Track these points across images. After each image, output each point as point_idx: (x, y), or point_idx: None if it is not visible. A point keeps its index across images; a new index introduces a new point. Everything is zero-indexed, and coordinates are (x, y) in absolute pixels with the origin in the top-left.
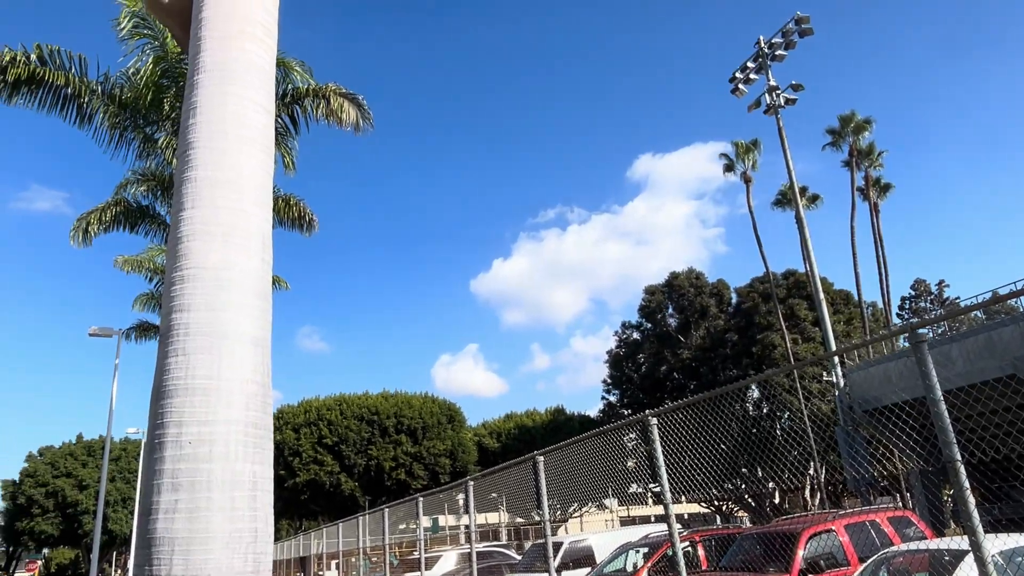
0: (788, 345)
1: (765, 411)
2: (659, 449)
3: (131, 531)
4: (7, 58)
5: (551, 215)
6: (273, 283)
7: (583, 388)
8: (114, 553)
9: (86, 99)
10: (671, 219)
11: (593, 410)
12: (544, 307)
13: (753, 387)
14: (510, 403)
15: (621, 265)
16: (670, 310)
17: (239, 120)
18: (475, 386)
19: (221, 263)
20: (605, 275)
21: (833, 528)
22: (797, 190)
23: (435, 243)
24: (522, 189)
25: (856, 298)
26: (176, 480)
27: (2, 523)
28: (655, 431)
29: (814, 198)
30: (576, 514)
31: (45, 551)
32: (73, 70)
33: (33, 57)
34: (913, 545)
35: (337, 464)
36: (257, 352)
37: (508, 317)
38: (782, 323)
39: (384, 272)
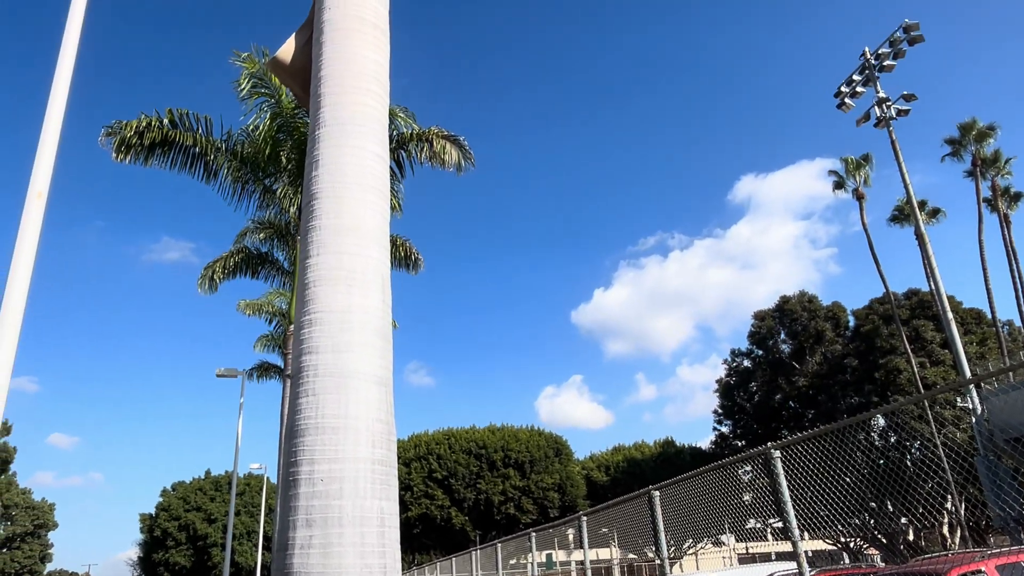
0: (915, 369)
1: (893, 440)
2: (784, 483)
3: (256, 563)
4: (144, 123)
5: (651, 242)
6: None
7: (692, 418)
8: None
9: (212, 157)
10: (778, 241)
11: (704, 441)
12: (648, 336)
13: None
14: (617, 435)
15: (727, 290)
16: (782, 336)
17: (358, 169)
18: (580, 418)
19: (345, 306)
20: (710, 301)
21: (983, 569)
22: (916, 204)
23: (536, 275)
24: (621, 217)
25: (989, 317)
26: (310, 516)
27: (140, 555)
28: (779, 464)
29: (935, 212)
30: (691, 551)
31: None
32: (200, 131)
33: (165, 121)
34: None
35: (447, 498)
36: (381, 391)
37: (611, 347)
38: (907, 346)
39: (486, 306)
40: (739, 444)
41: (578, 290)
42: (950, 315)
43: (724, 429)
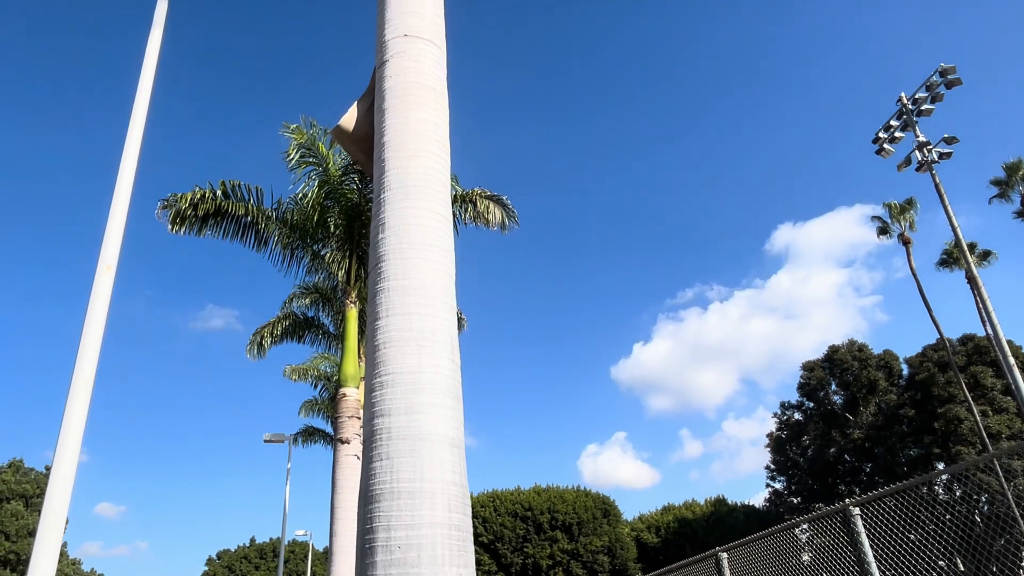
0: (977, 418)
1: (958, 494)
2: (866, 543)
3: None
4: (198, 195)
5: (690, 295)
6: None
7: (741, 475)
8: None
9: (263, 225)
10: (820, 290)
11: (757, 498)
12: (691, 391)
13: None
14: (664, 494)
15: (770, 342)
16: (833, 386)
17: (423, 230)
18: (625, 477)
19: (416, 367)
20: (753, 354)
21: None
22: (965, 247)
23: (574, 332)
24: (657, 270)
25: None
26: None
27: None
28: (859, 522)
29: (986, 254)
30: None
31: None
32: (251, 200)
33: (219, 193)
34: None
35: (494, 563)
36: (455, 453)
37: (654, 403)
38: (967, 393)
39: (526, 364)
40: (794, 501)
41: (617, 345)
42: (1011, 360)
43: (778, 485)
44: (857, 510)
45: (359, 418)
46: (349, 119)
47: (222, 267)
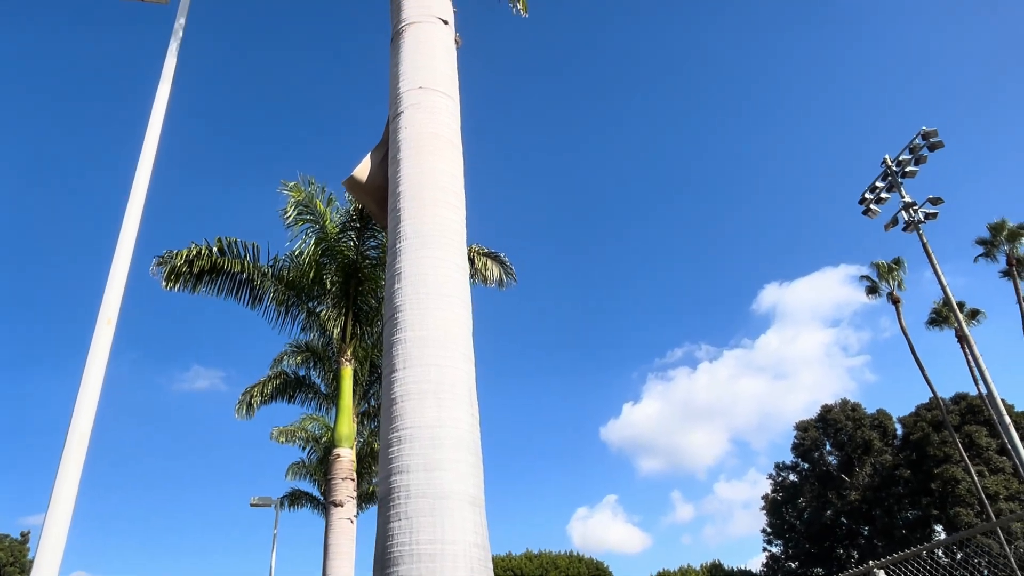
0: (975, 479)
1: (959, 557)
2: None
3: None
4: (194, 252)
5: (679, 354)
6: None
7: (734, 539)
8: None
9: (258, 282)
10: (808, 349)
11: (753, 563)
12: (681, 452)
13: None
14: (656, 559)
15: (760, 402)
16: (827, 447)
17: (440, 280)
18: (616, 541)
19: (435, 421)
20: (743, 414)
21: None
22: (955, 306)
23: (563, 392)
24: (646, 330)
25: None
26: None
27: None
28: None
29: (975, 313)
30: None
31: None
32: (247, 258)
33: (215, 249)
34: None
35: None
36: (476, 512)
37: (644, 465)
38: (963, 453)
39: (514, 426)
40: (792, 566)
41: (606, 406)
42: (1007, 419)
43: (775, 550)
44: (882, 573)
45: (353, 479)
46: (363, 170)
47: (209, 326)
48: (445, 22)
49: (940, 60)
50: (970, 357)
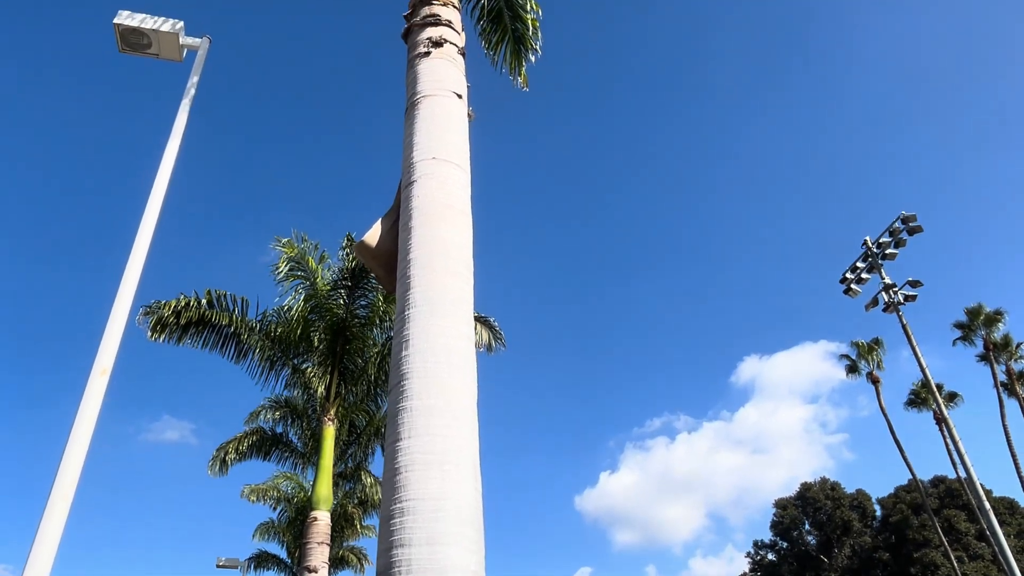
0: (955, 564)
1: None
2: None
3: None
4: (182, 303)
5: (657, 424)
6: None
7: None
8: None
9: (245, 336)
10: (787, 425)
11: None
12: (658, 525)
13: None
14: None
15: (738, 476)
16: (807, 526)
17: (448, 349)
18: None
19: (438, 493)
20: (721, 487)
21: None
22: (934, 388)
23: (538, 457)
24: (625, 398)
25: (1023, 506)
26: None
27: None
28: None
29: (952, 396)
30: None
31: None
32: (236, 311)
33: (203, 302)
34: None
35: None
36: None
37: (620, 537)
38: (942, 538)
39: (486, 491)
40: None
41: (583, 474)
42: (987, 505)
43: None
44: None
45: (328, 544)
46: (372, 235)
47: (184, 376)
48: (459, 96)
49: (920, 141)
50: (949, 441)
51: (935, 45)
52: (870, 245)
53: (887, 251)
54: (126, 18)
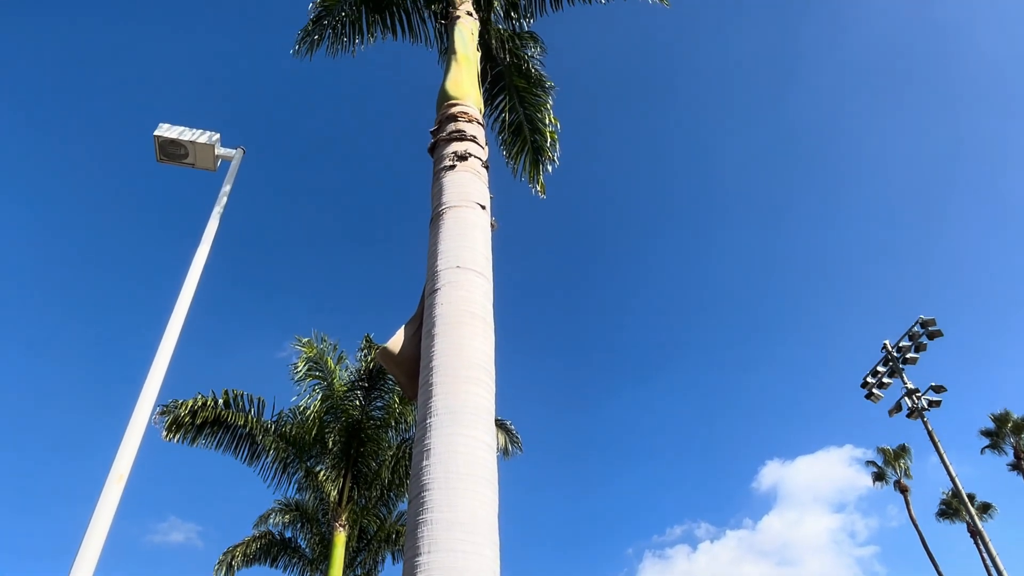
0: None
1: None
2: None
3: None
4: (199, 403)
5: (678, 532)
6: None
7: None
8: None
9: (259, 437)
10: (814, 535)
11: None
12: None
13: None
14: None
15: None
16: None
17: (469, 460)
18: None
19: None
20: None
21: None
22: (966, 500)
23: (554, 566)
24: (644, 504)
25: None
26: None
27: None
28: None
29: (986, 507)
30: None
31: None
32: (252, 412)
33: (220, 402)
34: None
35: None
36: None
37: None
38: None
39: None
40: None
41: None
42: None
43: None
44: None
45: None
46: (396, 342)
47: (191, 476)
48: (483, 207)
49: (940, 244)
50: (985, 555)
51: (949, 146)
52: (890, 349)
53: (907, 355)
54: (166, 130)
